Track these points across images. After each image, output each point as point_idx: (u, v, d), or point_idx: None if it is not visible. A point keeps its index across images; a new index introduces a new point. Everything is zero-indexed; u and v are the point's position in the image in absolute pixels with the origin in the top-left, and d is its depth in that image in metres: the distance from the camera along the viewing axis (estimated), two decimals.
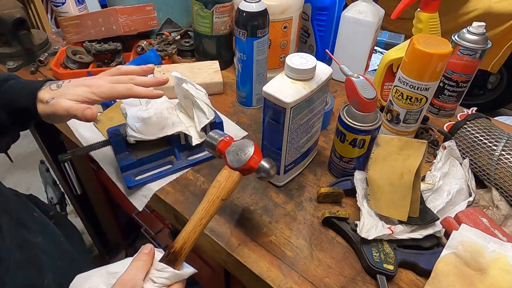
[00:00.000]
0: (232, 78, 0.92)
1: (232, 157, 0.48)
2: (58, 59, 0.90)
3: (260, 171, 0.47)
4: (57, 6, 1.03)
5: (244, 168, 0.47)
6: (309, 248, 0.55)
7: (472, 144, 0.63)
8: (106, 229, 1.43)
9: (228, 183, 0.46)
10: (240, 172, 0.47)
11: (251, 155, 0.47)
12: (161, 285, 0.41)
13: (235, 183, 0.47)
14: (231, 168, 0.47)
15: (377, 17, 0.78)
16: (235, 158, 0.47)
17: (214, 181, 0.47)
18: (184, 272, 0.43)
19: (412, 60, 0.60)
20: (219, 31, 0.88)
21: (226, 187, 0.46)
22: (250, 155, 0.47)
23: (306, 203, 0.61)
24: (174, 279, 0.42)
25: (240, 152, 0.48)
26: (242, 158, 0.47)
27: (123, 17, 0.89)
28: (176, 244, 0.43)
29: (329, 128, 0.77)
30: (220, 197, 0.45)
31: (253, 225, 0.58)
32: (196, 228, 0.44)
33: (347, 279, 0.51)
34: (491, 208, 0.58)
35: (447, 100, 0.77)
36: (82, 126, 0.75)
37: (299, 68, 0.52)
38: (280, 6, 0.76)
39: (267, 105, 0.55)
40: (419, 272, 0.51)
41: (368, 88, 0.55)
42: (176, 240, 0.44)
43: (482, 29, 0.68)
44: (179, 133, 0.65)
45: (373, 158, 0.56)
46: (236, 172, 0.47)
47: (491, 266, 0.47)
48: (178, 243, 0.43)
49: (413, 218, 0.53)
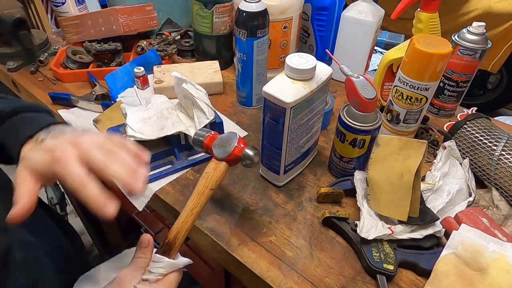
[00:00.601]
0: (232, 78, 0.92)
1: (218, 149, 0.51)
2: (58, 59, 0.91)
3: (244, 158, 0.50)
4: (57, 6, 1.03)
5: (230, 158, 0.50)
6: (309, 248, 0.55)
7: (472, 144, 0.63)
8: (106, 229, 1.43)
9: (215, 174, 0.49)
10: (227, 162, 0.50)
11: (235, 145, 0.50)
12: (157, 274, 0.42)
13: (222, 173, 0.49)
14: (218, 160, 0.50)
15: (377, 17, 0.78)
16: (220, 150, 0.50)
17: (203, 173, 0.49)
18: (179, 261, 0.44)
19: (412, 60, 0.60)
20: (219, 31, 0.88)
21: (214, 177, 0.49)
22: (234, 145, 0.50)
23: (306, 203, 0.61)
24: (169, 269, 0.43)
25: (225, 144, 0.51)
26: (227, 149, 0.50)
27: (123, 17, 0.89)
28: (169, 235, 0.45)
29: (329, 128, 0.77)
30: (209, 187, 0.48)
31: (253, 225, 0.58)
32: (188, 218, 0.46)
33: (347, 279, 0.51)
34: (491, 208, 0.58)
35: (447, 100, 0.77)
36: (82, 126, 0.75)
37: (299, 68, 0.52)
38: (280, 6, 0.76)
39: (267, 105, 0.55)
40: (419, 272, 0.51)
41: (368, 88, 0.55)
42: (170, 231, 0.45)
43: (482, 29, 0.68)
44: (179, 133, 0.65)
45: (373, 158, 0.56)
46: (222, 163, 0.50)
47: (491, 266, 0.47)
48: (171, 233, 0.45)
49: (413, 218, 0.53)
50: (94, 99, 0.80)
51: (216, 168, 0.49)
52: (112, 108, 0.77)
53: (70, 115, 0.78)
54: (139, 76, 0.84)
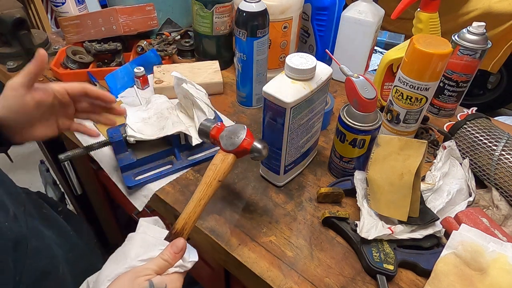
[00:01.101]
0: (232, 78, 0.92)
1: (226, 141, 0.50)
2: (58, 59, 0.90)
3: (253, 151, 0.50)
4: (57, 6, 1.03)
5: (238, 150, 0.50)
6: (309, 248, 0.55)
7: (472, 144, 0.63)
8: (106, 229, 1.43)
9: (223, 165, 0.49)
10: (235, 154, 0.50)
11: (243, 137, 0.50)
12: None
13: (230, 164, 0.49)
14: (226, 151, 0.50)
15: (377, 17, 0.78)
16: (228, 142, 0.50)
17: (210, 164, 0.49)
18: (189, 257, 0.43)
19: (412, 60, 0.60)
20: (219, 31, 0.88)
21: (222, 168, 0.48)
22: (243, 138, 0.50)
23: (306, 203, 0.62)
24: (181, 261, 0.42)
25: (233, 136, 0.50)
26: (236, 141, 0.49)
27: (123, 17, 0.89)
28: (177, 225, 0.45)
29: (329, 128, 0.77)
30: (216, 178, 0.48)
31: (253, 225, 0.58)
32: (195, 209, 0.46)
33: (347, 279, 0.51)
34: (491, 208, 0.58)
35: (447, 100, 0.77)
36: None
37: (299, 68, 0.52)
38: (280, 6, 0.76)
39: (267, 105, 0.55)
40: (419, 272, 0.51)
41: (368, 88, 0.55)
42: (177, 221, 0.45)
43: (482, 29, 0.68)
44: (179, 133, 0.65)
45: (373, 158, 0.56)
46: (230, 155, 0.50)
47: (491, 266, 0.47)
48: (179, 224, 0.45)
49: (413, 218, 0.53)
50: None
51: (224, 159, 0.49)
52: None
53: None
54: (139, 76, 0.84)
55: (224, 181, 0.64)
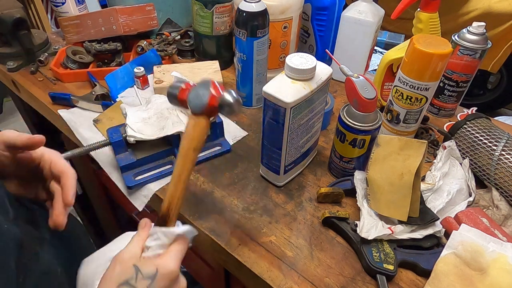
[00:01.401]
0: (232, 78, 0.92)
1: (193, 102, 0.44)
2: (58, 59, 0.91)
3: (222, 106, 0.43)
4: (57, 6, 1.03)
5: (207, 110, 0.44)
6: (309, 248, 0.55)
7: (472, 144, 0.63)
8: (106, 229, 1.43)
9: (196, 132, 0.44)
10: (206, 115, 0.44)
11: (210, 94, 0.43)
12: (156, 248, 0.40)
13: (202, 128, 0.44)
14: (196, 115, 0.44)
15: (377, 17, 0.78)
16: (196, 103, 0.44)
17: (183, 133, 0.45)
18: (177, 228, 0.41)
19: (412, 60, 0.60)
20: (219, 31, 0.88)
21: (196, 135, 0.44)
22: (209, 94, 0.43)
23: (306, 203, 0.62)
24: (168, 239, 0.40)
25: (200, 95, 0.44)
26: (203, 100, 0.43)
27: (123, 17, 0.89)
28: (162, 208, 0.42)
29: (329, 128, 0.77)
30: (191, 147, 0.43)
31: (253, 225, 0.58)
32: (177, 186, 0.42)
33: (347, 279, 0.51)
34: (491, 208, 0.58)
35: (447, 100, 0.77)
36: (82, 126, 0.75)
37: (299, 68, 0.52)
38: (280, 6, 0.76)
39: (267, 105, 0.55)
40: (419, 272, 0.51)
41: (368, 88, 0.55)
42: (162, 204, 0.43)
43: (482, 29, 0.68)
44: (179, 133, 0.65)
45: (373, 158, 0.56)
46: (201, 117, 0.44)
47: (491, 266, 0.47)
48: (163, 206, 0.42)
49: (413, 218, 0.53)
50: (94, 99, 0.80)
51: (195, 125, 0.44)
52: (112, 108, 0.77)
53: (70, 115, 0.78)
54: (139, 76, 0.84)
55: (224, 181, 0.65)
